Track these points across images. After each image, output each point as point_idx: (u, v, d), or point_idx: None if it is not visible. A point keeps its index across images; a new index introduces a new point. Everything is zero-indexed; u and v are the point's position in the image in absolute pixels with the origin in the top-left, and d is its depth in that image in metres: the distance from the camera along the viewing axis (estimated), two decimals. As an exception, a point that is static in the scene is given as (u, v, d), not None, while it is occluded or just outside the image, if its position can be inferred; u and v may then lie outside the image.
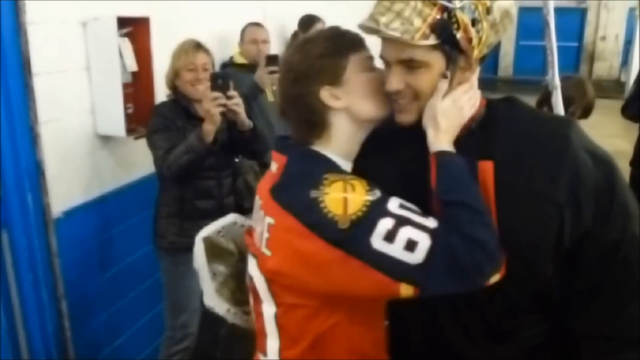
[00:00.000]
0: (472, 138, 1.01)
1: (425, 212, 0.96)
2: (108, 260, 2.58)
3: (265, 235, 1.04)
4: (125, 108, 2.45)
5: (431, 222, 0.93)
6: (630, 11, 13.08)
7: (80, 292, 2.41)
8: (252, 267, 1.12)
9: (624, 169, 3.55)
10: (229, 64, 3.42)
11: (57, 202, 2.26)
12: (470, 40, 0.92)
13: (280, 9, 4.19)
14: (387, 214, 0.92)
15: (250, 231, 1.18)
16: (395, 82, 0.98)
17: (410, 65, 0.96)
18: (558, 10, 2.24)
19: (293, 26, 4.18)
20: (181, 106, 2.33)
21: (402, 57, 0.96)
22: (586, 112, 2.43)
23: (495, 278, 0.91)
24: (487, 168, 0.97)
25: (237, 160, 2.49)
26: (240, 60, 3.40)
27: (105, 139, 2.50)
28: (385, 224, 0.91)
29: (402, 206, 0.94)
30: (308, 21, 4.10)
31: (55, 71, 2.25)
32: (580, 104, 2.38)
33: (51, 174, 2.22)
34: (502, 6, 0.94)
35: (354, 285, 0.95)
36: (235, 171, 2.48)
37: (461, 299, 0.98)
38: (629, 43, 13.16)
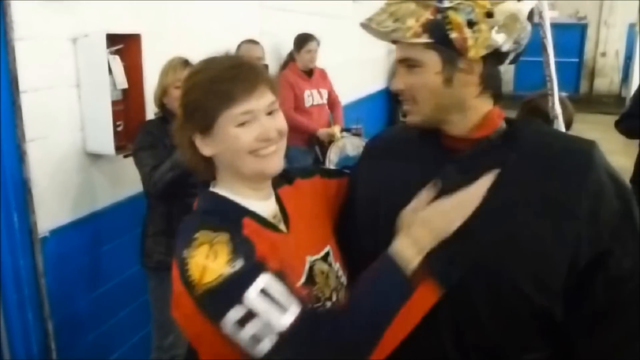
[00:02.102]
0: (487, 150, 1.00)
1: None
2: (96, 280, 2.54)
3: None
4: (115, 125, 2.44)
5: (286, 318, 0.88)
6: (630, 27, 13.12)
7: (67, 313, 2.38)
8: None
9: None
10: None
11: (45, 221, 2.23)
12: (465, 40, 0.92)
13: (276, 26, 4.20)
14: (240, 302, 0.88)
15: None
16: (396, 82, 1.02)
17: (408, 64, 0.98)
18: (558, 27, 2.24)
19: (289, 43, 4.19)
20: (169, 124, 2.31)
21: (401, 56, 0.99)
22: (568, 126, 2.41)
23: None
24: None
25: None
26: (235, 76, 3.39)
27: (95, 157, 2.48)
28: (235, 314, 0.88)
29: (263, 292, 0.89)
30: (301, 40, 4.11)
31: (44, 88, 2.24)
32: (563, 118, 2.38)
33: (39, 192, 2.19)
34: (507, 9, 0.93)
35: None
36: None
37: (464, 315, 0.96)
38: (629, 59, 13.17)
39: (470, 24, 0.91)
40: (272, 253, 0.99)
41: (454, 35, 0.92)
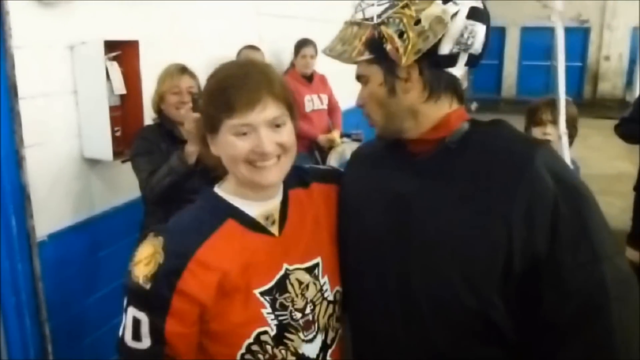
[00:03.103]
0: (442, 152, 1.02)
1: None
2: (93, 284, 2.56)
3: None
4: (114, 131, 2.47)
5: (135, 344, 1.01)
6: (633, 30, 13.07)
7: (64, 316, 2.40)
8: None
9: (628, 192, 3.48)
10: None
11: (43, 225, 2.26)
12: (397, 50, 0.97)
13: (275, 32, 4.22)
14: (125, 309, 1.02)
15: None
16: (357, 98, 1.09)
17: (362, 81, 1.07)
18: None
19: (289, 49, 4.21)
20: (165, 130, 2.34)
21: (355, 74, 1.08)
22: (571, 122, 2.38)
23: None
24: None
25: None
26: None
27: (93, 162, 2.50)
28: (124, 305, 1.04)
29: (135, 319, 1.01)
30: (297, 45, 4.14)
31: (43, 95, 2.27)
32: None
33: (37, 197, 2.22)
34: (432, 13, 0.95)
35: None
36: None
37: (411, 314, 0.99)
38: (633, 62, 13.15)
39: (401, 34, 0.96)
40: (241, 254, 1.03)
41: (388, 47, 0.97)
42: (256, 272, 1.04)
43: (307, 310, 1.08)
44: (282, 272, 1.07)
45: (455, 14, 0.95)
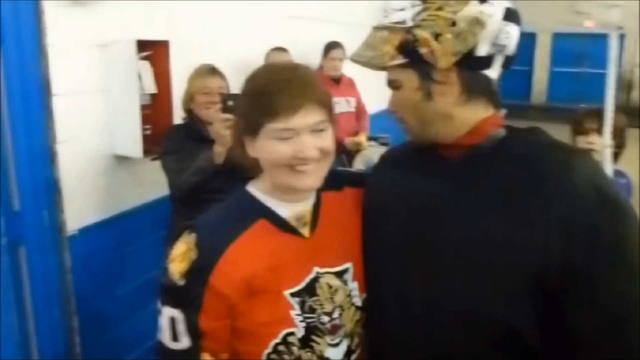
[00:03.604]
0: (475, 157, 1.00)
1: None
2: (121, 279, 2.61)
3: None
4: (144, 129, 2.51)
5: (174, 344, 1.03)
6: (670, 38, 12.73)
7: (92, 309, 2.44)
8: None
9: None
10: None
11: (73, 220, 2.31)
12: (433, 52, 0.95)
13: (303, 34, 4.23)
14: (160, 308, 1.05)
15: None
16: (389, 104, 1.07)
17: (394, 86, 1.04)
18: (594, 37, 2.22)
19: (316, 51, 4.22)
20: (193, 129, 2.37)
21: (387, 80, 1.05)
22: (619, 133, 2.31)
23: None
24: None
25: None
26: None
27: (122, 159, 2.55)
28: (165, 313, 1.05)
29: (172, 318, 1.03)
30: (326, 48, 4.14)
31: (76, 92, 2.32)
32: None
33: (68, 192, 2.27)
34: (469, 15, 0.94)
35: None
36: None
37: (434, 326, 0.98)
38: (669, 71, 12.79)
39: (436, 36, 0.95)
40: (271, 254, 1.04)
41: (423, 50, 0.96)
42: (285, 273, 1.04)
43: (335, 315, 1.08)
44: (312, 275, 1.07)
45: (491, 15, 0.94)
